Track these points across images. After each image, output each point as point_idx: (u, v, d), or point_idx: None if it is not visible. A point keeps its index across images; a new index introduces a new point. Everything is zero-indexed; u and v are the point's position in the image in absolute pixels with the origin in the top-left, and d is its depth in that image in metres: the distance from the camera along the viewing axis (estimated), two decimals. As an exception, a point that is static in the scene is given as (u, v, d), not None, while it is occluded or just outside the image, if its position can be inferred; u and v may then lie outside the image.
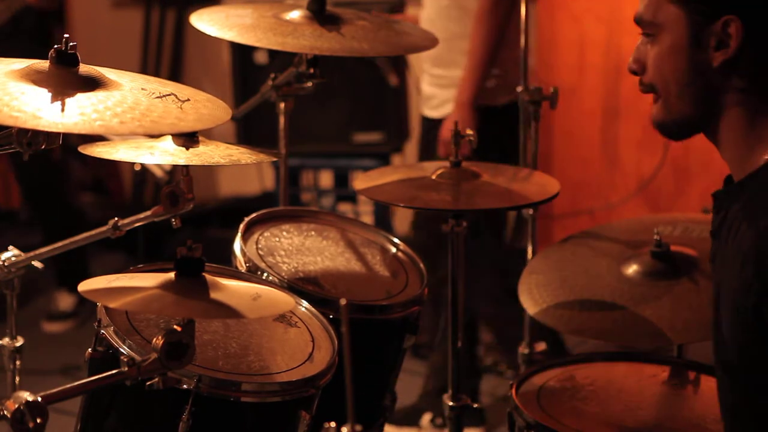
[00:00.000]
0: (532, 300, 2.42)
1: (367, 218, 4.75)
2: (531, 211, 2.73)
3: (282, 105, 2.74)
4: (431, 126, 3.61)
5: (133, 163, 2.25)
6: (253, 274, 2.23)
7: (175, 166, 2.18)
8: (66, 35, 1.74)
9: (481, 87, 3.45)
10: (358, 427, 1.40)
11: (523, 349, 2.76)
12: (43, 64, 1.74)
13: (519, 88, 2.79)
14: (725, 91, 1.71)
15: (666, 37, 1.72)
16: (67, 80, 1.72)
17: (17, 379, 2.36)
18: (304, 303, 2.16)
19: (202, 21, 2.40)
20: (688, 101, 1.73)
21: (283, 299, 1.87)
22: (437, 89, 3.60)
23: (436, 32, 3.57)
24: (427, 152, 3.62)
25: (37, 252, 2.27)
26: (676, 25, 1.71)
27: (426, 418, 3.71)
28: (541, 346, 2.78)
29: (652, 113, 1.79)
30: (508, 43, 3.43)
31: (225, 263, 2.23)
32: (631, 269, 2.40)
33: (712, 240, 1.77)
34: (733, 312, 1.65)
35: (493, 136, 3.36)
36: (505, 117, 3.40)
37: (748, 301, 1.61)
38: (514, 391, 2.22)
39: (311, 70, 2.58)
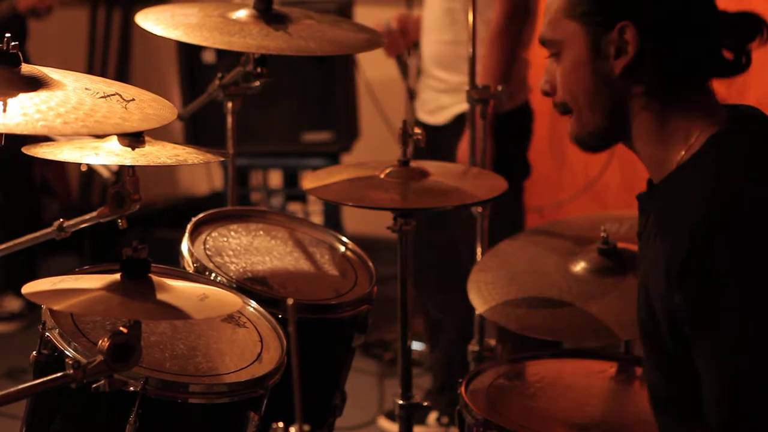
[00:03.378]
0: (481, 298, 2.42)
1: (317, 218, 4.75)
2: (480, 209, 2.74)
3: (229, 104, 2.72)
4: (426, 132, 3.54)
5: (80, 164, 2.23)
6: (200, 274, 2.22)
7: (121, 167, 2.16)
8: (7, 35, 1.72)
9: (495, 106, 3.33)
10: (307, 427, 1.39)
11: (473, 347, 2.77)
12: (-15, 65, 1.71)
13: (524, 92, 2.75)
14: (630, 97, 1.73)
15: (568, 53, 1.75)
16: (9, 80, 1.69)
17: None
18: (253, 303, 2.15)
19: (148, 20, 2.39)
20: (598, 112, 1.75)
21: (230, 299, 1.86)
22: (434, 93, 3.55)
23: (440, 34, 3.53)
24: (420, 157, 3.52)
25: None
26: (575, 39, 1.73)
27: (432, 416, 3.73)
28: (491, 343, 2.79)
29: (568, 130, 1.80)
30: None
31: (173, 264, 2.21)
32: (579, 266, 2.42)
33: (639, 241, 1.79)
34: (660, 312, 1.66)
35: (500, 143, 3.34)
36: (509, 123, 3.40)
37: (665, 310, 1.63)
38: (463, 388, 2.23)
39: (258, 70, 2.57)
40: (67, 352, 1.84)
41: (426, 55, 3.60)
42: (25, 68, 1.73)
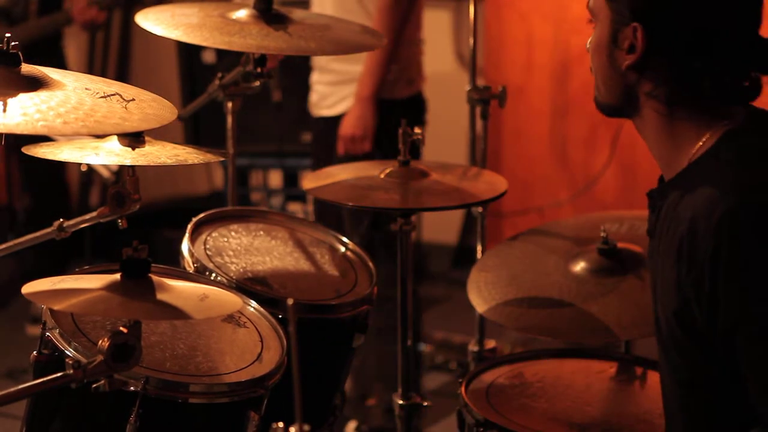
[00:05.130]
0: (481, 298, 2.42)
1: (317, 218, 4.74)
2: (480, 209, 2.74)
3: (229, 104, 2.72)
4: (330, 125, 3.58)
5: (80, 164, 2.23)
6: (201, 274, 2.22)
7: (121, 167, 2.16)
8: (7, 34, 1.72)
9: (381, 82, 3.45)
10: (307, 427, 1.39)
11: (472, 347, 2.77)
12: (-15, 65, 1.71)
13: (421, 80, 2.78)
14: (638, 92, 1.75)
15: (597, 29, 1.78)
16: (9, 80, 1.70)
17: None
18: (253, 303, 2.15)
19: (148, 20, 2.39)
20: (609, 92, 1.79)
21: (230, 299, 1.86)
22: (332, 87, 3.58)
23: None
24: (327, 153, 3.57)
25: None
26: (603, 20, 1.76)
27: (351, 426, 3.67)
28: (490, 344, 2.79)
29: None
30: (407, 40, 3.51)
31: (173, 264, 2.21)
32: (579, 266, 2.42)
33: (650, 239, 1.80)
34: (668, 309, 1.68)
35: (395, 128, 3.38)
36: (406, 110, 3.44)
37: (675, 301, 1.65)
38: (463, 388, 2.23)
39: (258, 69, 2.57)
40: (67, 352, 1.84)
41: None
42: (25, 68, 1.73)
